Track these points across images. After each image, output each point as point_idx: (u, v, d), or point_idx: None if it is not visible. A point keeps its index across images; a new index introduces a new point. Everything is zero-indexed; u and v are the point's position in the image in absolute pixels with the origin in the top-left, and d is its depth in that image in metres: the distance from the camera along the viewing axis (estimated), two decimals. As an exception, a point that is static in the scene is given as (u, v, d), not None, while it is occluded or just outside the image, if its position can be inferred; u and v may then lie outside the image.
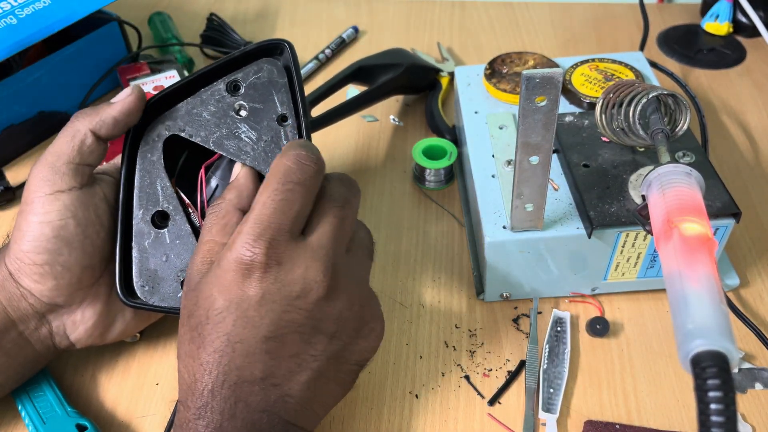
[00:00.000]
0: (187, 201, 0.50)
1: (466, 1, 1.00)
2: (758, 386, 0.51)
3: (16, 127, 0.74)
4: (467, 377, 0.53)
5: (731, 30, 0.87)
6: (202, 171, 0.50)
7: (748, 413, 0.50)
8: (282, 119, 0.49)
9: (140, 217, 0.49)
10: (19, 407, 0.51)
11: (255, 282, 0.39)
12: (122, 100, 0.48)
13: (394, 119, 0.78)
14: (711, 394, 0.30)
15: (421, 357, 0.55)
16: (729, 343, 0.32)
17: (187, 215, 0.50)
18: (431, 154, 0.68)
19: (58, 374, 0.54)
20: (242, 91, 0.49)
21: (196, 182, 0.51)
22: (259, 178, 0.47)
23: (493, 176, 0.57)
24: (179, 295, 0.49)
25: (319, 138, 0.75)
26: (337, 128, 0.77)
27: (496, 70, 0.67)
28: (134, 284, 0.49)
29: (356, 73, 0.74)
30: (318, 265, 0.41)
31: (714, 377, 0.31)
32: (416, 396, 0.52)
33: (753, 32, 0.86)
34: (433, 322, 0.57)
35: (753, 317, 0.55)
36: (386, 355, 0.55)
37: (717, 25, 0.87)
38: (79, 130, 0.47)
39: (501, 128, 0.61)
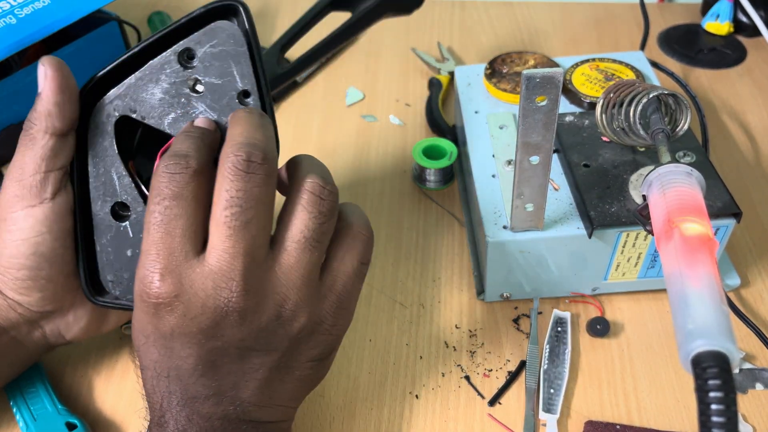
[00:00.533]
0: (145, 190, 0.45)
1: (466, 1, 1.00)
2: (759, 386, 0.51)
3: (15, 127, 0.74)
4: (467, 377, 0.53)
5: (732, 30, 0.87)
6: (157, 161, 0.43)
7: (748, 414, 0.49)
8: (244, 95, 0.43)
9: (98, 209, 0.45)
10: (11, 404, 0.51)
11: (164, 319, 0.37)
12: (46, 84, 0.42)
13: (394, 119, 0.77)
14: (712, 394, 0.30)
15: (421, 357, 0.54)
16: (730, 344, 0.32)
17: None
18: (431, 154, 0.68)
19: (52, 372, 0.54)
20: (196, 62, 0.42)
21: (150, 164, 0.44)
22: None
23: (493, 176, 0.57)
24: None
25: (318, 138, 0.75)
26: (336, 127, 0.77)
27: (496, 70, 0.67)
28: (102, 280, 0.46)
29: (333, 2, 0.66)
30: (226, 284, 0.36)
31: (715, 378, 0.31)
32: (416, 396, 0.52)
33: (754, 32, 0.86)
34: (433, 323, 0.57)
35: (753, 317, 0.55)
36: (386, 355, 0.55)
37: (718, 24, 0.87)
38: (36, 137, 0.42)
39: (501, 128, 0.61)
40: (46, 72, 0.42)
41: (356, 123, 0.77)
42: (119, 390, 0.53)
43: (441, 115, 0.75)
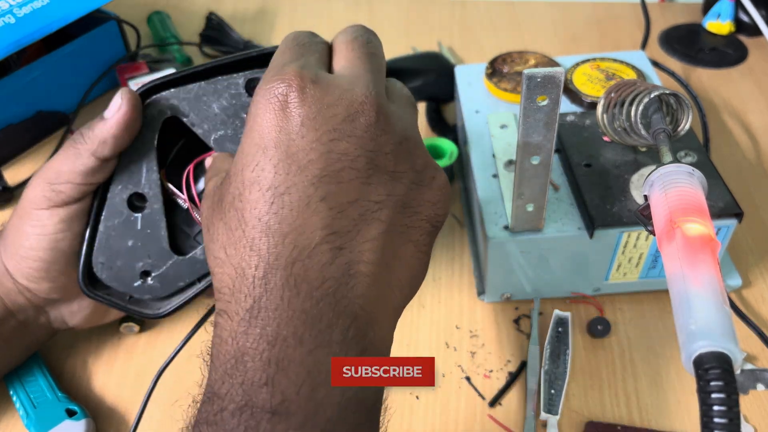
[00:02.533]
0: (175, 191, 0.47)
1: (466, 0, 1.00)
2: (760, 387, 0.51)
3: (14, 127, 0.74)
4: (468, 378, 0.53)
5: (733, 29, 0.87)
6: (191, 166, 0.47)
7: (750, 414, 0.49)
8: None
9: (117, 193, 0.46)
10: (11, 392, 0.51)
11: (292, 109, 0.33)
12: (115, 116, 0.43)
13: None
14: (714, 395, 0.30)
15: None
16: (732, 344, 0.32)
17: (166, 207, 0.46)
18: (431, 153, 0.67)
19: (51, 360, 0.55)
20: None
21: (182, 176, 0.47)
22: None
23: (494, 176, 0.57)
24: (136, 284, 0.47)
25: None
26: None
27: (497, 70, 0.67)
28: (93, 260, 0.47)
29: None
30: (361, 85, 0.34)
31: (717, 379, 0.31)
32: (417, 397, 0.52)
33: (755, 31, 0.86)
34: (433, 323, 0.57)
35: (755, 318, 0.55)
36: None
37: (719, 24, 0.87)
38: (81, 154, 0.44)
39: (502, 128, 0.61)
40: (121, 105, 0.43)
41: (356, 123, 0.77)
42: (120, 378, 0.54)
43: (441, 115, 0.74)
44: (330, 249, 0.32)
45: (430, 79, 0.69)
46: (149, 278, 0.47)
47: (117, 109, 0.43)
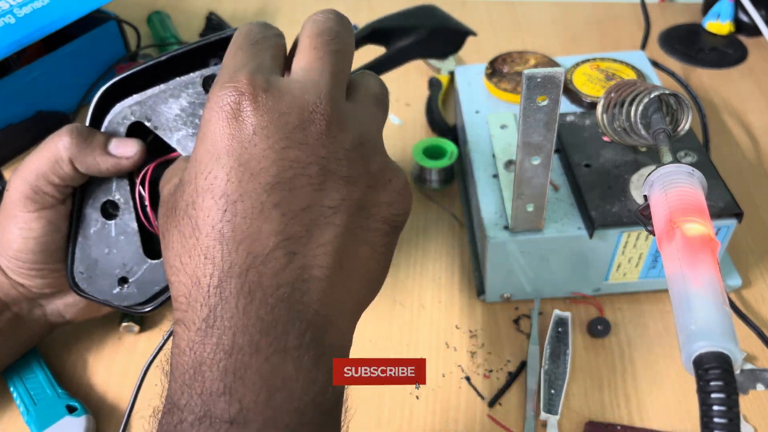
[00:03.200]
0: (139, 195, 0.47)
1: (466, 0, 1.00)
2: (760, 387, 0.51)
3: (14, 127, 0.74)
4: (468, 378, 0.53)
5: (733, 29, 0.87)
6: (151, 167, 0.46)
7: (749, 414, 0.49)
8: None
9: (90, 203, 0.47)
10: (11, 388, 0.52)
11: (245, 118, 0.32)
12: (121, 158, 0.45)
13: (394, 118, 0.77)
14: (714, 395, 0.30)
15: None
16: (732, 345, 0.32)
17: (137, 212, 0.47)
18: (431, 154, 0.68)
19: (51, 358, 0.55)
20: None
21: (155, 177, 0.46)
22: None
23: (494, 176, 0.57)
24: (115, 291, 0.47)
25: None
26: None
27: (496, 70, 0.67)
28: (74, 270, 0.47)
29: (370, 36, 0.63)
30: (314, 90, 0.34)
31: (717, 379, 0.31)
32: (416, 397, 0.52)
33: (755, 31, 0.86)
34: (433, 323, 0.57)
35: (755, 318, 0.55)
36: (386, 355, 0.54)
37: (719, 24, 0.87)
38: (62, 157, 0.44)
39: (502, 128, 0.61)
40: (132, 156, 0.45)
41: (356, 123, 0.77)
42: (120, 377, 0.54)
43: (441, 115, 0.74)
44: (284, 255, 0.32)
45: (422, 36, 0.64)
46: (126, 285, 0.47)
47: (127, 156, 0.45)
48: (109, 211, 0.47)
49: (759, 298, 0.57)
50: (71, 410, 0.50)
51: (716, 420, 0.30)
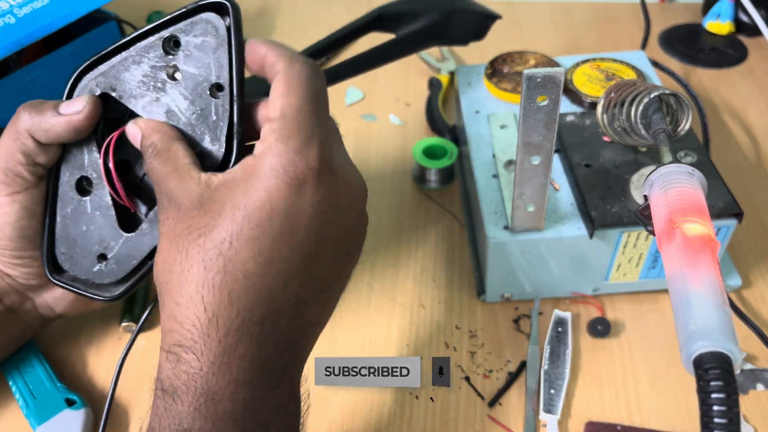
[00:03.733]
0: (112, 168, 0.45)
1: (466, 1, 1.00)
2: (760, 387, 0.51)
3: (14, 127, 0.74)
4: (467, 378, 0.53)
5: (733, 29, 0.87)
6: (114, 136, 0.44)
7: (749, 414, 0.49)
8: (216, 88, 0.42)
9: (65, 181, 0.46)
10: (10, 383, 0.52)
11: (306, 189, 0.35)
12: (71, 116, 0.43)
13: (394, 118, 0.77)
14: (714, 395, 0.30)
15: (421, 358, 0.54)
16: (732, 345, 0.32)
17: (112, 186, 0.45)
18: (431, 154, 0.68)
19: (50, 353, 0.55)
20: (179, 51, 0.42)
21: (131, 149, 0.44)
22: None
23: (494, 176, 0.57)
24: (95, 269, 0.46)
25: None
26: (337, 128, 0.77)
27: (497, 70, 0.67)
28: (56, 252, 0.47)
29: (377, 21, 0.61)
30: (360, 182, 0.39)
31: (717, 379, 0.31)
32: (416, 397, 0.52)
33: (755, 31, 0.86)
34: (433, 323, 0.57)
35: (755, 318, 0.55)
36: (386, 355, 0.54)
37: (719, 24, 0.87)
38: (21, 132, 0.43)
39: (502, 128, 0.61)
40: (82, 110, 0.43)
41: (356, 123, 0.77)
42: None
43: (441, 115, 0.74)
44: (296, 313, 0.36)
45: (434, 19, 0.60)
46: (105, 262, 0.46)
47: (75, 111, 0.43)
48: (84, 187, 0.46)
49: (759, 298, 0.57)
50: (70, 403, 0.50)
51: (716, 420, 0.30)
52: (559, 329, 0.54)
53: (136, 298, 0.57)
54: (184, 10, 0.42)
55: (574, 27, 0.93)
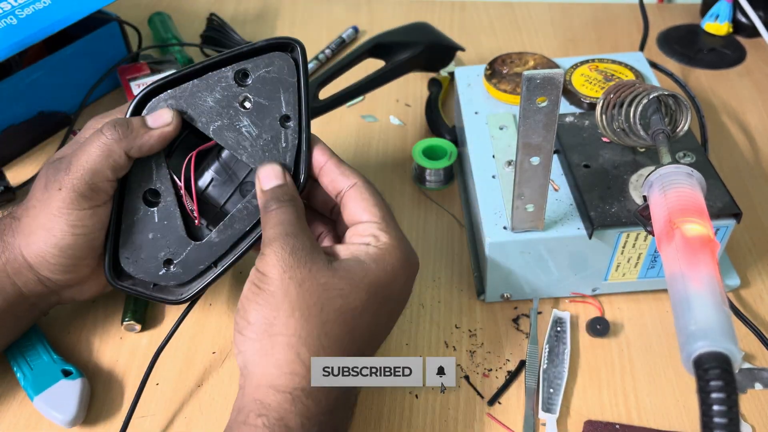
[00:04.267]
0: (179, 183, 0.50)
1: (466, 1, 1.00)
2: (758, 386, 0.51)
3: (16, 127, 0.74)
4: (467, 377, 0.53)
5: (731, 30, 0.87)
6: (194, 153, 0.49)
7: (748, 413, 0.50)
8: (285, 119, 0.48)
9: (132, 191, 0.49)
10: (7, 355, 0.53)
11: (402, 280, 0.47)
12: (162, 129, 0.48)
13: (394, 119, 0.78)
14: (714, 395, 0.31)
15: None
16: (732, 345, 0.32)
17: (178, 198, 0.49)
18: (431, 154, 0.68)
19: (50, 331, 0.57)
20: (250, 82, 0.48)
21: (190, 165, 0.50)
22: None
23: (493, 177, 0.57)
24: (161, 272, 0.50)
25: (318, 136, 0.75)
26: (337, 127, 0.77)
27: (496, 71, 0.67)
28: (119, 256, 0.50)
29: (373, 49, 0.71)
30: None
31: (717, 378, 0.31)
32: (416, 396, 0.52)
33: (753, 32, 0.86)
34: (433, 322, 0.57)
35: (753, 317, 0.55)
36: (386, 355, 0.55)
37: (717, 25, 0.87)
38: (114, 150, 0.47)
39: (501, 129, 0.61)
40: (170, 122, 0.48)
41: (356, 123, 0.78)
42: (117, 346, 0.56)
43: (441, 116, 0.75)
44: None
45: (419, 50, 0.71)
46: (171, 266, 0.50)
47: (165, 123, 0.48)
48: (150, 199, 0.49)
49: (757, 297, 0.57)
50: (66, 374, 0.51)
51: (716, 420, 0.30)
52: (558, 329, 0.54)
53: (138, 300, 0.57)
54: (255, 46, 0.48)
55: (573, 28, 0.93)
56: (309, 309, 0.41)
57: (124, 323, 0.56)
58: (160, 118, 0.48)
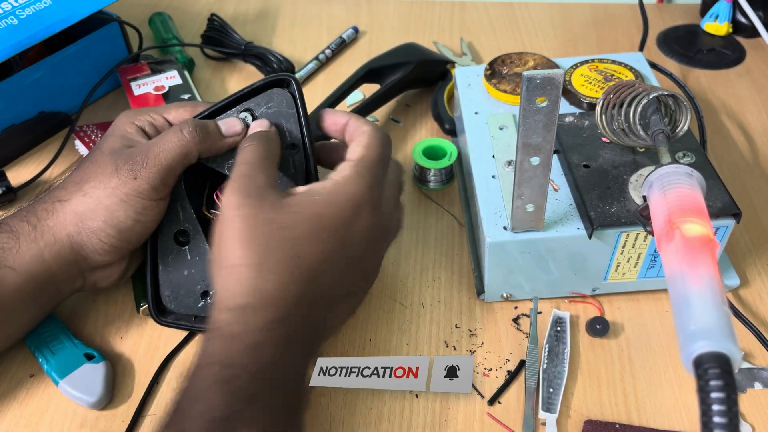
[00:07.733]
0: (208, 215, 0.54)
1: (466, 1, 1.00)
2: (758, 386, 0.51)
3: (16, 128, 0.74)
4: (468, 377, 0.53)
5: (731, 30, 0.88)
6: (217, 193, 0.53)
7: (747, 413, 0.50)
8: (291, 147, 0.52)
9: (164, 234, 0.54)
10: (27, 343, 0.54)
11: (363, 219, 0.47)
12: (233, 136, 0.52)
13: (394, 119, 0.78)
14: (714, 395, 0.31)
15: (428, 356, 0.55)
16: (732, 345, 0.32)
17: (206, 234, 0.53)
18: (431, 154, 0.68)
19: (70, 319, 0.56)
20: (257, 118, 0.53)
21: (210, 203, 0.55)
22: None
23: (493, 177, 0.57)
24: (200, 305, 0.54)
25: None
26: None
27: (496, 71, 0.67)
28: (161, 294, 0.54)
29: (366, 75, 0.76)
30: (396, 217, 0.53)
31: (717, 378, 0.31)
32: (416, 396, 0.52)
33: (752, 32, 0.86)
34: (433, 322, 0.57)
35: (752, 317, 0.56)
36: (386, 354, 0.55)
37: (716, 25, 0.87)
38: (191, 151, 0.51)
39: (501, 129, 0.62)
40: (241, 133, 0.53)
41: (356, 123, 0.78)
42: (139, 331, 0.57)
43: (444, 106, 0.75)
44: (328, 306, 0.47)
45: (410, 69, 0.76)
46: (209, 297, 0.54)
47: (236, 133, 0.53)
48: (180, 239, 0.54)
49: (757, 297, 0.58)
50: (89, 358, 0.53)
51: (716, 420, 0.30)
52: (558, 328, 0.55)
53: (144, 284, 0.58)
54: (254, 86, 0.53)
55: (573, 28, 0.93)
56: (252, 240, 0.43)
57: (141, 309, 0.56)
58: (233, 128, 0.52)
